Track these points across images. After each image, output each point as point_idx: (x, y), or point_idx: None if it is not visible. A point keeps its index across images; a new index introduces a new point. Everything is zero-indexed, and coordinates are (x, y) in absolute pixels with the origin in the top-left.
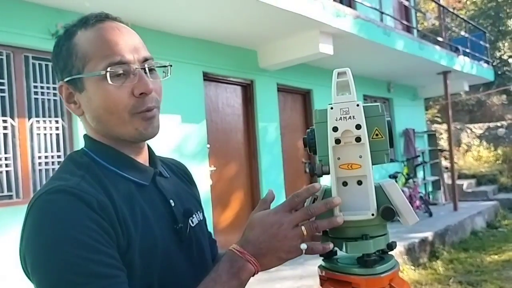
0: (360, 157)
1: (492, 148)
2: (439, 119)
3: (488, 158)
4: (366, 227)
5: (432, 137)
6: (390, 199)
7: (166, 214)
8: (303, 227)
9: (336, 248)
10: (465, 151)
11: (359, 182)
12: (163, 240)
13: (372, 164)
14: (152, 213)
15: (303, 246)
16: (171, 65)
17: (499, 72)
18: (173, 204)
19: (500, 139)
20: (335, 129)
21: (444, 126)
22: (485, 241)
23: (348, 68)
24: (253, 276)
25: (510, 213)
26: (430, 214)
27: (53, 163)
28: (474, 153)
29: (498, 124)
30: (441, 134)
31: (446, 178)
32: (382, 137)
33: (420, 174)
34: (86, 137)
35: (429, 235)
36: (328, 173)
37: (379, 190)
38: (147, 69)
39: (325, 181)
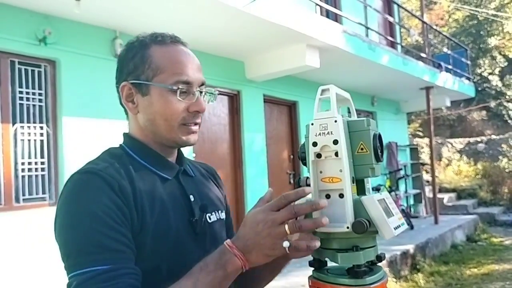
0: (340, 171)
1: (472, 162)
2: (420, 133)
3: (468, 173)
4: (356, 239)
5: (414, 151)
6: (368, 213)
7: (185, 206)
8: (286, 226)
9: (326, 259)
10: (445, 165)
11: (341, 195)
12: (177, 228)
13: (357, 178)
14: (170, 204)
15: (285, 244)
16: (218, 93)
17: (479, 89)
18: (192, 199)
19: (480, 154)
20: (314, 144)
21: (426, 140)
22: (465, 255)
23: (332, 84)
24: (242, 270)
25: (489, 227)
26: (412, 227)
27: (36, 169)
28: (455, 167)
29: (478, 139)
30: (422, 148)
31: (427, 191)
32: (367, 151)
33: (402, 187)
34: (125, 135)
35: (410, 247)
36: None
37: (358, 204)
38: (203, 92)
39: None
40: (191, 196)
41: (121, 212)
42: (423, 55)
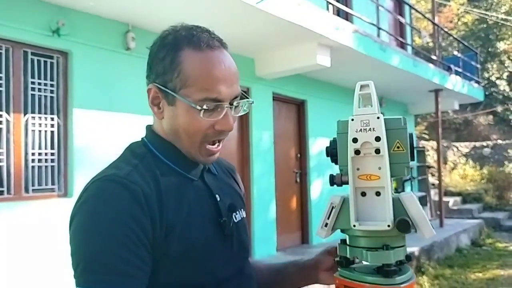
0: (379, 168)
1: (477, 167)
2: (426, 136)
3: (473, 177)
4: (386, 238)
5: (421, 153)
6: (408, 211)
7: (212, 207)
8: None
9: (355, 257)
10: (451, 169)
11: (378, 193)
12: (206, 231)
13: (392, 176)
14: (197, 206)
15: None
16: (253, 102)
17: (487, 93)
18: (218, 199)
19: (486, 159)
20: (354, 140)
21: (431, 143)
22: (469, 259)
23: (371, 81)
24: None
25: (494, 232)
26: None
27: (46, 160)
28: (460, 171)
29: (484, 144)
30: (428, 150)
31: (433, 194)
32: (403, 150)
33: (407, 189)
34: (149, 128)
35: (415, 250)
36: (347, 183)
37: (397, 202)
38: (233, 108)
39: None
40: (217, 196)
41: (141, 228)
42: (433, 57)
